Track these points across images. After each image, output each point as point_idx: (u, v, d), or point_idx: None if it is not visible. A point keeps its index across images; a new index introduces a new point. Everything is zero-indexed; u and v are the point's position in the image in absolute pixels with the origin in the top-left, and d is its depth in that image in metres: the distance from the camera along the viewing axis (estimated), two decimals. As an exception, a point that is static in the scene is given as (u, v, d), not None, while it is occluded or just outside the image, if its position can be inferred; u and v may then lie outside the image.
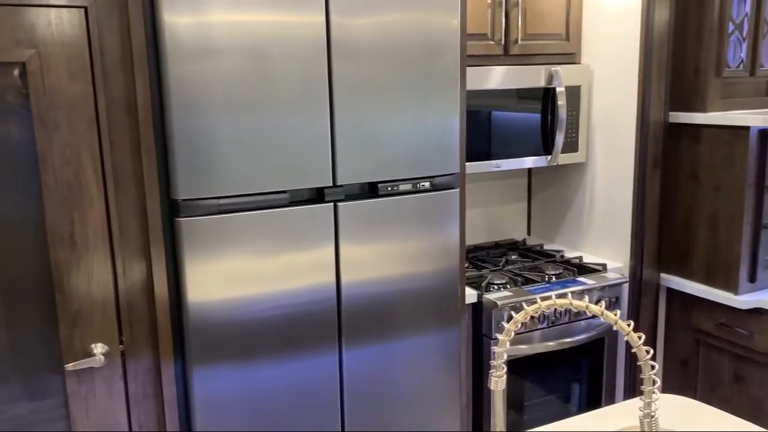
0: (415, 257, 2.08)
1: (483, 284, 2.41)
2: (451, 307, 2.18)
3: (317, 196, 1.90)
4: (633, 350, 0.89)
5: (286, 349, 1.91)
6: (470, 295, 2.34)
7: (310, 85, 1.83)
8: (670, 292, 2.70)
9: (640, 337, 0.88)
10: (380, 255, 2.01)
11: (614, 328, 0.91)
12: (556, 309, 2.41)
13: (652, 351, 0.91)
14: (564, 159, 2.68)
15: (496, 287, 2.42)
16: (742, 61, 2.47)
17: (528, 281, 2.49)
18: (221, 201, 1.76)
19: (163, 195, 1.75)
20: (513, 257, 2.80)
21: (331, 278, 1.94)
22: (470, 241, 3.00)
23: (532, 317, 2.37)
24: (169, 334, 1.81)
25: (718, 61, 2.40)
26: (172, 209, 1.76)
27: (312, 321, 1.93)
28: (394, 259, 2.04)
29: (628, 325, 0.88)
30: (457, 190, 2.13)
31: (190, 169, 1.72)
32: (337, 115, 1.87)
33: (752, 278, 2.42)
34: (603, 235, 2.72)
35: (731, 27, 2.40)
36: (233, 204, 1.78)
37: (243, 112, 1.75)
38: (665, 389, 2.77)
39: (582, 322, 2.48)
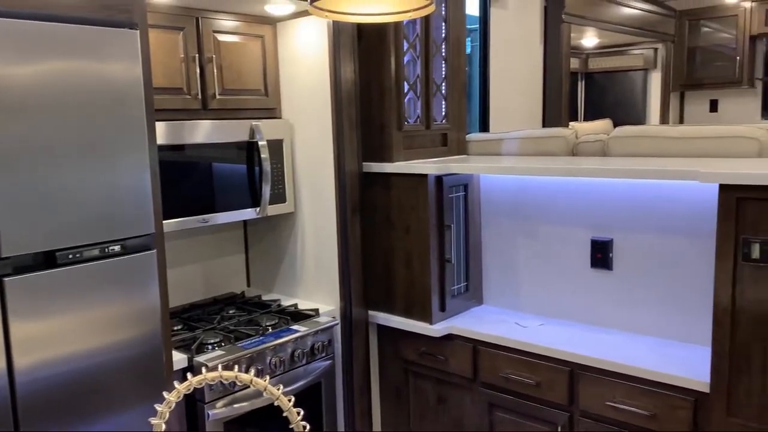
0: (108, 328, 1.91)
1: (194, 346, 2.31)
2: (156, 375, 2.04)
3: (-25, 272, 1.65)
4: (285, 414, 0.91)
5: (-58, 460, 1.59)
6: (180, 359, 2.22)
7: (-43, 146, 1.58)
8: (380, 327, 2.89)
9: (289, 400, 0.90)
10: (65, 331, 1.81)
11: (264, 394, 0.92)
12: (271, 360, 2.41)
13: (302, 411, 0.94)
14: (273, 210, 2.73)
15: (210, 347, 2.34)
16: (419, 116, 2.79)
17: (243, 336, 2.45)
18: None
19: None
20: (231, 312, 2.75)
21: (1, 365, 1.68)
22: (186, 299, 2.88)
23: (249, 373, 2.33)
24: None
25: (398, 116, 2.68)
26: None
27: (-23, 419, 1.65)
28: (83, 334, 1.85)
29: (278, 389, 0.90)
30: (155, 251, 2.03)
31: None
32: (-4, 179, 1.65)
33: (443, 307, 2.71)
34: (315, 281, 2.82)
35: (407, 87, 2.71)
36: None
37: None
38: (383, 420, 2.94)
39: (299, 369, 2.52)
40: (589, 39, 5.70)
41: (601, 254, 2.49)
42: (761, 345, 1.89)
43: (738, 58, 5.88)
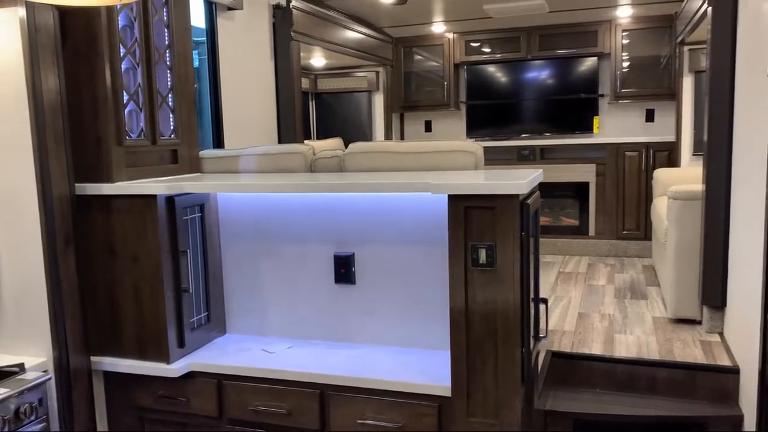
0: None
1: None
2: None
3: None
4: None
5: None
6: None
7: None
8: (107, 375, 2.51)
9: None
10: None
11: None
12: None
13: None
14: (-47, 246, 2.19)
15: None
16: (143, 130, 2.50)
17: None
18: None
19: None
20: None
21: None
22: None
23: None
24: None
25: (117, 130, 2.35)
26: None
27: None
28: None
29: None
30: None
31: None
32: None
33: (181, 343, 2.44)
34: (20, 330, 2.33)
35: (126, 97, 2.40)
36: None
37: None
38: (116, 481, 2.55)
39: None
40: (318, 59, 5.86)
41: (344, 269, 2.47)
42: (492, 343, 2.03)
43: (445, 83, 6.57)
